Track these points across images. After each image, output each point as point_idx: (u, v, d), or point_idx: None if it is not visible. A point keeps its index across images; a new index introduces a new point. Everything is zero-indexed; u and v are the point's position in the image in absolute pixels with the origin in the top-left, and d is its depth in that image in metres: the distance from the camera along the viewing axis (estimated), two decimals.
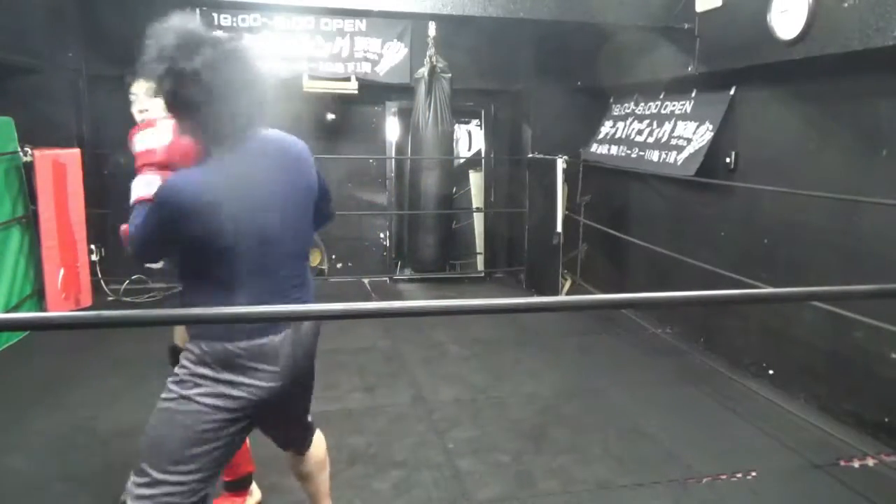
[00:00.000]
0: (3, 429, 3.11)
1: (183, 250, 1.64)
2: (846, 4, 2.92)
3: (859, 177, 3.20)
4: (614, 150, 5.27)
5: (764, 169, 3.83)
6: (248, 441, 2.18)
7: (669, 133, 4.58)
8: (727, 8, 3.75)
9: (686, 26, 4.03)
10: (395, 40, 5.56)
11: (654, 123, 4.81)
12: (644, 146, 4.86)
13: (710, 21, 3.91)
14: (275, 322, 1.64)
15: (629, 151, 5.05)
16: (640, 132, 4.97)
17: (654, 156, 4.70)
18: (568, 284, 5.65)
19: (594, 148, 5.53)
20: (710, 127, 4.13)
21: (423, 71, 5.40)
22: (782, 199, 3.63)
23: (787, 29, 3.22)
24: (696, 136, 4.27)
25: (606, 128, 5.50)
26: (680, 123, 4.50)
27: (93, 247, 5.13)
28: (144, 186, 1.69)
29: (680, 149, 4.42)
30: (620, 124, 5.32)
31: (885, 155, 3.06)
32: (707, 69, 4.00)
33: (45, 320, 1.18)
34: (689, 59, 4.10)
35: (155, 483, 1.62)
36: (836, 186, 3.24)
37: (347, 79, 5.50)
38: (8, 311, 4.10)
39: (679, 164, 4.37)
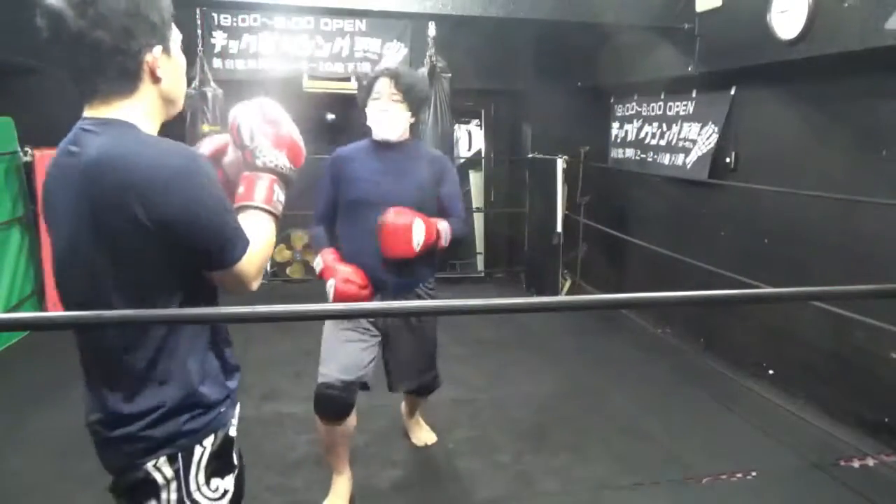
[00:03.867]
0: (3, 429, 3.11)
1: None
2: (846, 4, 2.92)
3: (859, 177, 3.20)
4: (629, 153, 5.27)
5: (764, 169, 3.83)
6: None
7: (677, 135, 4.57)
8: (727, 8, 3.75)
9: (686, 26, 4.02)
10: (395, 40, 5.55)
11: (663, 125, 4.79)
12: (656, 149, 4.85)
13: (710, 21, 3.90)
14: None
15: (643, 155, 5.04)
16: (652, 135, 4.95)
17: (666, 159, 4.69)
18: (568, 284, 5.65)
19: (614, 154, 5.50)
20: (715, 129, 4.13)
21: (423, 71, 5.39)
22: (782, 199, 3.63)
23: (787, 29, 3.22)
24: (701, 137, 4.27)
25: (615, 129, 5.49)
26: (685, 125, 4.49)
27: None
28: None
29: (686, 151, 4.41)
30: (628, 126, 5.30)
31: (885, 155, 3.06)
32: (707, 69, 4.00)
33: (45, 320, 1.18)
34: (689, 59, 4.09)
35: None
36: (836, 186, 3.24)
37: (347, 79, 5.50)
38: (8, 311, 4.10)
39: (689, 167, 4.37)
